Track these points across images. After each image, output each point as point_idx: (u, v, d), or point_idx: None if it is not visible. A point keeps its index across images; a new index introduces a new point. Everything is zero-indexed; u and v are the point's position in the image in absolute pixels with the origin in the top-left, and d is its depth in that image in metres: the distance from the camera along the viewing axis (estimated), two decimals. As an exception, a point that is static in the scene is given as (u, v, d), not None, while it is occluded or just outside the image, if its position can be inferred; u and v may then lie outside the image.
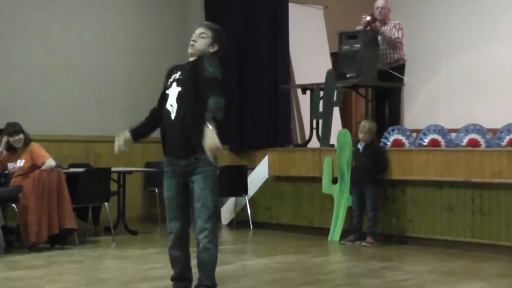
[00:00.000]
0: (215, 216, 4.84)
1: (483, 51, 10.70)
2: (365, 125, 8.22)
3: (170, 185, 4.94)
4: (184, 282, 5.11)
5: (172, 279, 5.15)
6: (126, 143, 5.06)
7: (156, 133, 10.96)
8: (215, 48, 4.96)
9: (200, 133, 4.57)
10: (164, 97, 5.00)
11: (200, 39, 4.94)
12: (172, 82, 4.93)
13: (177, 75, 4.94)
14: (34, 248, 7.49)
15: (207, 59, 4.84)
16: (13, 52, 9.32)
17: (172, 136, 4.85)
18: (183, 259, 5.04)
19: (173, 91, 4.88)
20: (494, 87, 10.50)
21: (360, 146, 8.26)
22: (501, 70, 10.47)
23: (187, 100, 4.78)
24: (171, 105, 4.85)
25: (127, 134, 5.07)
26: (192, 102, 4.76)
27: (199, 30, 4.97)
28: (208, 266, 4.87)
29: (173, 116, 4.83)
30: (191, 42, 4.96)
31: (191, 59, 5.00)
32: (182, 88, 4.84)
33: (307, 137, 9.77)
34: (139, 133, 5.16)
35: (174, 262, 5.07)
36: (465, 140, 7.97)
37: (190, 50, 4.99)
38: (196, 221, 4.81)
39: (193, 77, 4.82)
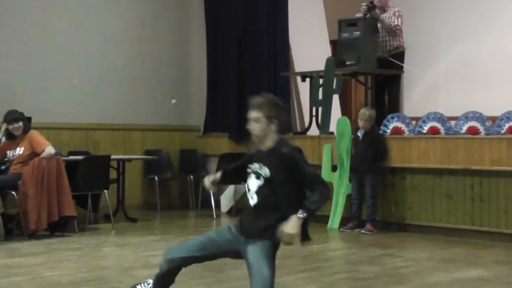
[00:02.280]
0: (271, 285, 4.43)
1: (483, 38, 10.66)
2: (365, 113, 8.22)
3: (221, 234, 4.64)
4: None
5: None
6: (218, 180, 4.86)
7: (156, 120, 10.95)
8: (276, 124, 4.56)
9: (273, 226, 4.40)
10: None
11: (255, 124, 4.56)
12: (250, 173, 4.62)
13: (256, 166, 4.58)
14: (33, 235, 7.50)
15: (297, 158, 4.51)
16: (12, 40, 9.30)
17: (247, 222, 4.59)
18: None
19: (253, 183, 4.59)
20: (494, 75, 10.47)
21: (359, 134, 8.26)
22: (501, 58, 10.44)
23: (266, 197, 4.53)
24: (251, 197, 4.59)
25: (219, 174, 4.82)
26: (272, 197, 4.51)
27: (251, 114, 4.56)
28: None
29: (252, 203, 4.58)
30: (250, 131, 4.59)
31: (262, 147, 4.60)
32: (261, 183, 4.54)
33: (306, 124, 9.76)
34: (229, 176, 4.93)
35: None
36: (465, 128, 7.98)
37: (254, 139, 4.63)
38: None
39: (279, 174, 4.51)
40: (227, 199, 9.94)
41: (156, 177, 10.05)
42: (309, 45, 10.75)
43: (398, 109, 9.57)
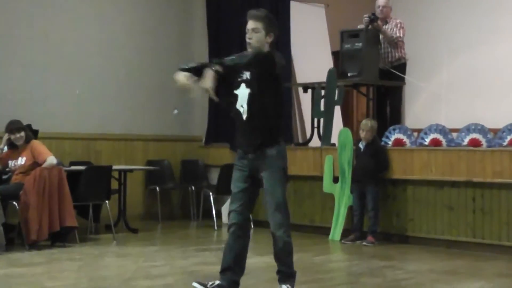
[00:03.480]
0: (286, 208, 5.02)
1: (485, 50, 10.68)
2: (367, 124, 8.22)
3: (238, 177, 5.07)
4: (233, 275, 5.08)
5: (221, 271, 5.11)
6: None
7: (158, 131, 10.96)
8: (272, 37, 5.01)
9: (268, 133, 4.92)
10: (229, 94, 5.06)
11: (254, 34, 4.97)
12: (240, 83, 4.98)
13: (245, 75, 4.99)
14: (35, 245, 7.49)
15: (262, 57, 4.95)
16: (14, 49, 9.31)
17: (243, 135, 5.02)
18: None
19: (243, 93, 4.97)
20: (496, 87, 10.48)
21: (361, 145, 8.25)
22: (502, 70, 10.45)
23: (257, 102, 4.93)
24: (242, 106, 4.98)
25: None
26: (261, 104, 4.92)
27: (250, 25, 4.99)
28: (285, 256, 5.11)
29: (244, 116, 4.98)
30: (248, 40, 5.00)
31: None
32: (251, 90, 4.94)
33: (308, 136, 9.76)
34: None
35: (227, 251, 5.09)
36: (466, 140, 7.97)
37: (249, 49, 5.00)
38: (269, 215, 5.02)
39: (260, 78, 4.92)
40: (228, 209, 9.91)
41: (157, 188, 10.05)
42: (311, 56, 10.77)
43: (400, 121, 9.58)
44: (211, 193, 9.55)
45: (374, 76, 9.08)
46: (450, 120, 9.26)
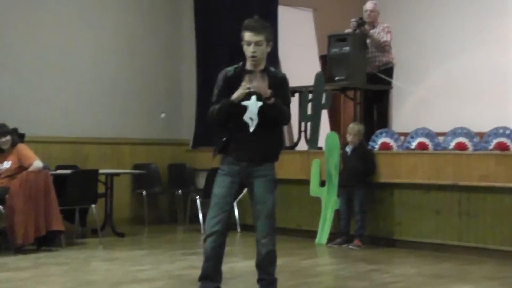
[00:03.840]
0: (275, 217, 5.03)
1: (471, 55, 10.75)
2: (354, 127, 8.24)
3: (226, 183, 4.99)
4: (214, 283, 5.04)
5: (200, 278, 5.06)
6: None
7: (145, 134, 10.94)
8: (270, 46, 5.01)
9: (273, 148, 4.97)
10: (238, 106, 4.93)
11: (258, 48, 4.88)
12: (250, 94, 4.89)
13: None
14: (20, 250, 7.45)
15: (287, 83, 5.04)
16: (1, 53, 9.27)
17: (250, 148, 4.91)
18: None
19: (253, 105, 4.90)
20: (482, 91, 10.55)
21: (348, 149, 8.27)
22: (488, 75, 10.52)
23: (267, 117, 4.89)
24: (251, 118, 4.90)
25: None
26: (271, 118, 4.91)
27: (253, 38, 4.87)
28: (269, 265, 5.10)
29: (251, 129, 4.91)
30: (252, 55, 4.88)
31: (253, 68, 4.93)
32: (264, 104, 4.87)
33: (295, 139, 9.77)
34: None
35: (207, 259, 5.03)
36: (453, 144, 8.01)
37: (254, 63, 4.92)
38: (256, 222, 4.99)
39: (275, 93, 4.88)
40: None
41: (144, 192, 10.03)
42: (299, 60, 10.80)
43: (387, 125, 9.61)
44: (198, 197, 9.54)
45: (361, 80, 9.11)
46: (436, 124, 9.29)
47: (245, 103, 4.90)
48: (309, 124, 9.19)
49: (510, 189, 7.31)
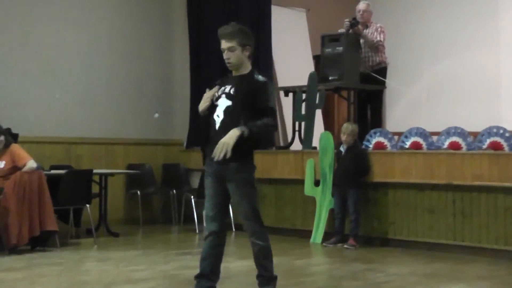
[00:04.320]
0: (256, 215, 5.03)
1: (465, 55, 10.77)
2: (348, 127, 8.25)
3: (210, 183, 5.06)
4: (208, 281, 5.10)
5: (196, 276, 5.12)
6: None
7: (139, 135, 10.93)
8: (249, 50, 5.01)
9: (240, 144, 4.83)
10: (213, 106, 5.04)
11: (231, 54, 4.94)
12: (221, 95, 4.99)
13: (227, 88, 4.99)
14: (14, 250, 7.43)
15: (266, 88, 5.00)
16: (-6, 53, 9.27)
17: (214, 145, 4.91)
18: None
19: (222, 103, 4.96)
20: (475, 91, 10.57)
21: (342, 149, 8.28)
22: (482, 74, 10.55)
23: (232, 115, 4.91)
24: (218, 115, 4.96)
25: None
26: (236, 118, 4.89)
27: (224, 44, 4.94)
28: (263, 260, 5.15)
29: (217, 126, 4.94)
30: (226, 61, 4.98)
31: (235, 73, 5.02)
32: (231, 103, 4.93)
33: (289, 139, 9.78)
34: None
35: (203, 258, 5.10)
36: (447, 143, 8.03)
37: (231, 68, 5.02)
38: (243, 221, 5.07)
39: (245, 96, 4.92)
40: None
41: (138, 192, 10.02)
42: (292, 60, 10.81)
43: (381, 124, 9.62)
44: (192, 197, 9.54)
45: (355, 80, 9.12)
46: (430, 123, 9.32)
47: (216, 103, 4.99)
48: (303, 124, 9.20)
49: (503, 188, 7.33)
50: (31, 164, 7.64)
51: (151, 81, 10.68)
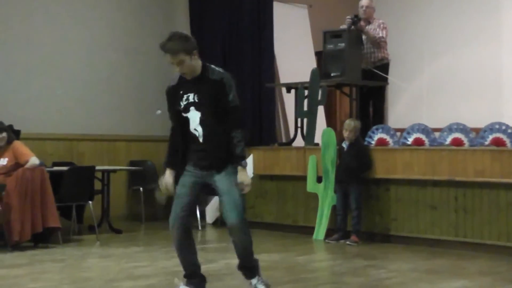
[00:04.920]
0: (242, 207, 5.02)
1: (467, 51, 10.75)
2: (350, 123, 8.24)
3: (185, 182, 5.05)
4: (196, 278, 5.18)
5: (187, 276, 5.23)
6: (173, 187, 5.11)
7: (140, 131, 10.90)
8: (195, 53, 4.96)
9: (227, 151, 4.90)
10: (180, 118, 5.02)
11: (183, 66, 4.89)
12: (188, 105, 4.93)
13: (190, 97, 4.93)
14: (17, 246, 7.45)
15: (228, 84, 4.93)
16: (-5, 51, 9.28)
17: (201, 158, 4.98)
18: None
19: (194, 116, 4.93)
20: (477, 87, 10.56)
21: (344, 145, 8.28)
22: (484, 70, 10.53)
23: (211, 125, 4.90)
24: (196, 129, 4.95)
25: (170, 174, 5.10)
26: (215, 125, 4.90)
27: (173, 59, 4.89)
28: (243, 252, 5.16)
29: (201, 139, 4.96)
30: (180, 72, 4.94)
31: (189, 77, 4.95)
32: (202, 113, 4.90)
33: (291, 135, 9.78)
34: (177, 163, 5.18)
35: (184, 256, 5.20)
36: (449, 139, 8.02)
37: (185, 76, 4.97)
38: (226, 215, 5.01)
39: (210, 103, 4.88)
40: (212, 209, 9.92)
41: (141, 188, 10.02)
42: (294, 56, 10.80)
43: (383, 121, 9.62)
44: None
45: (357, 76, 9.12)
46: (432, 119, 9.31)
47: (186, 115, 4.95)
48: (305, 120, 9.20)
49: (506, 184, 7.32)
50: (34, 161, 7.65)
51: (153, 77, 10.67)
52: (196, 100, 4.89)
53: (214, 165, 4.93)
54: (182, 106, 4.94)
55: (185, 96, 4.93)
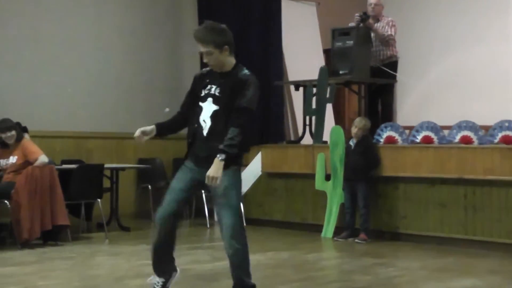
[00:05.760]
0: (240, 213, 4.79)
1: (476, 49, 10.72)
2: (361, 121, 8.24)
3: (182, 177, 4.91)
4: (166, 275, 5.03)
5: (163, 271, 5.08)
6: (150, 132, 5.10)
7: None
8: (228, 49, 4.84)
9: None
10: (194, 105, 4.87)
11: (210, 57, 4.77)
12: (207, 96, 4.81)
13: (213, 89, 4.81)
14: (26, 244, 7.47)
15: (250, 84, 4.81)
16: (4, 49, 9.28)
17: (200, 150, 4.83)
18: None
19: (208, 107, 4.79)
20: (487, 85, 10.53)
21: (351, 143, 8.27)
22: (493, 68, 10.50)
23: (221, 121, 4.73)
24: (204, 121, 4.80)
25: (152, 126, 5.09)
26: (223, 124, 4.72)
27: (202, 49, 4.77)
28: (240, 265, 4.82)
29: (205, 132, 4.79)
30: (206, 62, 4.83)
31: (219, 70, 4.85)
32: (219, 108, 4.76)
33: (300, 133, 9.77)
34: (164, 128, 5.17)
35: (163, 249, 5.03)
36: (458, 137, 8.00)
37: (212, 68, 4.87)
38: (221, 219, 4.77)
39: (231, 97, 4.75)
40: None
41: (149, 186, 10.03)
42: (303, 54, 10.78)
43: (392, 118, 9.60)
44: (203, 191, 9.53)
45: (365, 74, 9.10)
46: (441, 117, 9.29)
47: (201, 104, 4.82)
48: (313, 118, 9.19)
49: (515, 182, 7.31)
50: (43, 158, 7.67)
51: (161, 75, 10.68)
52: (216, 94, 4.79)
53: (212, 159, 4.65)
54: (202, 94, 4.84)
55: (208, 86, 4.83)
